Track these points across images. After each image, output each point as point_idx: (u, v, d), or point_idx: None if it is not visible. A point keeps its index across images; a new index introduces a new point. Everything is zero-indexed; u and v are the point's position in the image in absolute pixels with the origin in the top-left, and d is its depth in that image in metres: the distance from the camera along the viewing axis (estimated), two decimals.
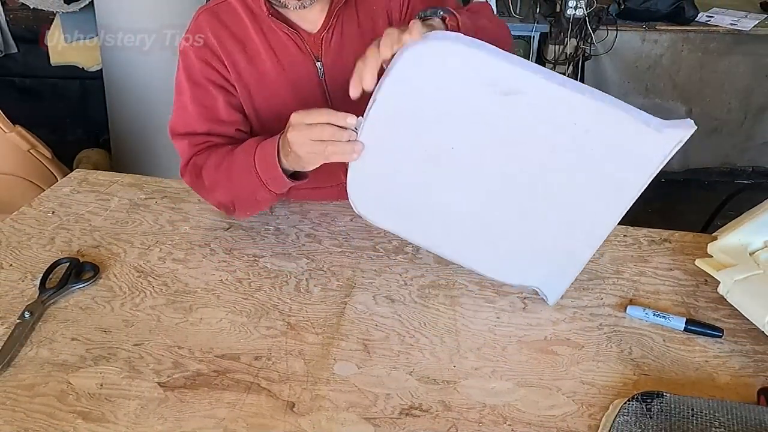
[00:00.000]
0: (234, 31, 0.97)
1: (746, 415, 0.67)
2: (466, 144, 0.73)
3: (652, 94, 2.76)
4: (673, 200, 2.76)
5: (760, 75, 2.70)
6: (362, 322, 0.85)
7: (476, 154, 0.74)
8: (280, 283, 0.92)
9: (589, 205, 0.75)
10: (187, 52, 0.99)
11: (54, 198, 1.13)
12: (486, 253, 0.84)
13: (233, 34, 0.97)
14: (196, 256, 0.98)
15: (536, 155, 0.72)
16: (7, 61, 2.71)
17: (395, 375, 0.77)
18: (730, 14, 2.71)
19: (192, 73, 0.99)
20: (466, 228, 0.81)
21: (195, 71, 0.98)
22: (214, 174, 0.96)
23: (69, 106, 2.82)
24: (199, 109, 0.99)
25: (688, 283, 0.93)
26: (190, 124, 1.00)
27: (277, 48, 0.98)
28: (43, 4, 2.41)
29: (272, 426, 0.70)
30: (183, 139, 1.01)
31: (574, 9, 2.55)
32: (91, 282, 0.91)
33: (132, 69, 2.15)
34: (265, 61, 0.98)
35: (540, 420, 0.71)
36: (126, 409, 0.72)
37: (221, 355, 0.79)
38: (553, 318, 0.86)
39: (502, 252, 0.83)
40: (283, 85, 1.00)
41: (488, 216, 0.79)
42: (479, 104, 0.68)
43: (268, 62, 0.98)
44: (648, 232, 1.04)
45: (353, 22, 0.99)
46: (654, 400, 0.69)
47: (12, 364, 0.78)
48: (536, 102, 0.67)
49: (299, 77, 1.00)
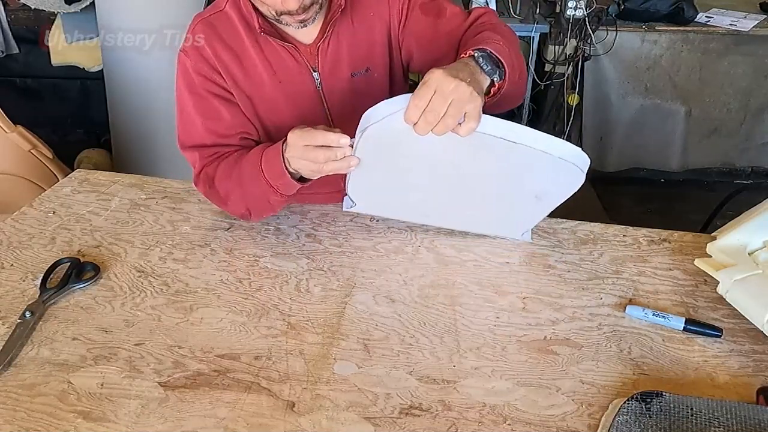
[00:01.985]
0: (229, 43, 0.96)
1: (745, 415, 0.67)
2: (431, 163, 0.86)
3: (652, 95, 2.76)
4: (673, 200, 2.77)
5: (760, 75, 2.70)
6: (362, 322, 0.85)
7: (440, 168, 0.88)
8: (281, 283, 0.92)
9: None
10: (184, 65, 0.98)
11: (55, 198, 1.13)
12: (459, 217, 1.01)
13: (229, 46, 0.96)
14: (197, 256, 0.98)
15: (480, 165, 0.87)
16: (8, 61, 2.72)
17: (395, 374, 0.77)
18: (729, 15, 2.71)
19: (192, 87, 0.98)
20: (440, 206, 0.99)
21: (195, 84, 0.98)
22: (226, 184, 0.97)
23: (70, 107, 2.82)
24: (204, 122, 0.99)
25: (687, 283, 0.93)
26: (198, 137, 1.00)
27: (273, 60, 0.97)
28: (44, 5, 2.41)
29: (272, 425, 0.70)
30: (193, 151, 1.01)
31: (573, 9, 2.55)
32: (91, 282, 0.92)
33: (132, 69, 2.15)
34: (261, 73, 0.97)
35: (540, 419, 0.71)
36: (127, 408, 0.72)
37: (222, 354, 0.80)
38: (553, 318, 0.86)
39: (471, 216, 1.00)
40: (280, 97, 0.99)
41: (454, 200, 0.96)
42: (431, 141, 0.78)
43: (265, 74, 0.98)
44: (647, 232, 1.05)
45: (349, 30, 0.98)
46: (653, 399, 0.69)
47: (13, 364, 0.78)
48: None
49: (296, 89, 0.99)
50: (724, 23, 2.63)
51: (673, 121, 2.79)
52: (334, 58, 0.98)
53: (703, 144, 2.85)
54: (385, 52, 1.00)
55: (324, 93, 1.00)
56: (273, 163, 0.89)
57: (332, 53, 0.98)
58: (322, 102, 1.01)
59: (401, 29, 1.00)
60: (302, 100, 1.00)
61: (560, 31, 2.65)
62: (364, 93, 1.02)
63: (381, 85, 1.03)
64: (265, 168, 0.90)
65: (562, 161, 0.81)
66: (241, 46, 0.97)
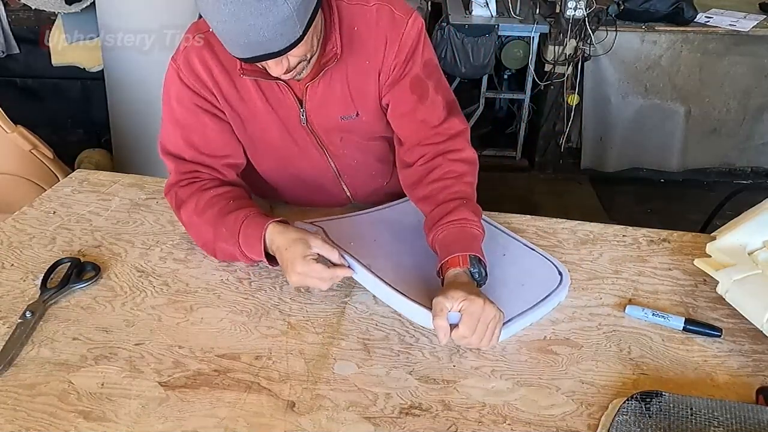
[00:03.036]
0: (225, 65, 0.93)
1: (745, 415, 0.67)
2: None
3: (652, 95, 2.76)
4: (672, 200, 2.77)
5: (759, 75, 2.70)
6: (362, 322, 0.85)
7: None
8: (281, 282, 0.92)
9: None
10: (176, 74, 0.94)
11: (55, 198, 1.13)
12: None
13: (225, 68, 0.93)
14: (197, 256, 0.98)
15: None
16: (9, 61, 2.71)
17: (395, 374, 0.77)
18: (729, 15, 2.71)
19: (180, 98, 0.95)
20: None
21: (183, 97, 0.95)
22: (196, 219, 0.95)
23: (70, 107, 2.82)
24: (186, 135, 0.96)
25: (686, 283, 0.93)
26: (179, 147, 0.97)
27: (265, 88, 0.95)
28: (45, 5, 2.41)
29: (273, 425, 0.70)
30: (171, 160, 0.98)
31: (573, 10, 2.56)
32: (92, 282, 0.92)
33: (133, 69, 2.15)
34: (254, 96, 0.95)
35: (539, 419, 0.71)
36: (127, 408, 0.72)
37: (222, 354, 0.80)
38: (553, 318, 0.86)
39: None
40: (272, 122, 0.97)
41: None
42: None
43: (259, 101, 0.95)
44: (647, 232, 1.05)
45: (343, 76, 0.94)
46: (653, 399, 0.69)
47: (13, 364, 0.78)
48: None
49: (287, 116, 0.97)
50: (724, 23, 2.64)
51: (672, 121, 2.79)
52: (323, 99, 0.96)
53: (703, 144, 2.85)
54: (376, 98, 0.97)
55: (311, 127, 0.99)
56: (252, 238, 0.89)
57: (322, 94, 0.95)
58: (310, 133, 1.00)
59: (387, 84, 0.96)
60: (291, 128, 0.99)
61: (560, 31, 2.65)
62: (351, 132, 1.01)
63: (369, 127, 1.01)
64: (243, 241, 0.90)
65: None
66: (234, 65, 0.92)
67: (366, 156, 1.07)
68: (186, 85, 0.94)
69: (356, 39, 0.92)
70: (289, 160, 1.04)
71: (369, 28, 0.92)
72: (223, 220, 0.92)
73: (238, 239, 0.90)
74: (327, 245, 0.87)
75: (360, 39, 0.92)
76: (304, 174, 1.07)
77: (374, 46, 0.93)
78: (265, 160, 1.05)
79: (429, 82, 0.96)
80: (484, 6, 2.74)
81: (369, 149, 1.07)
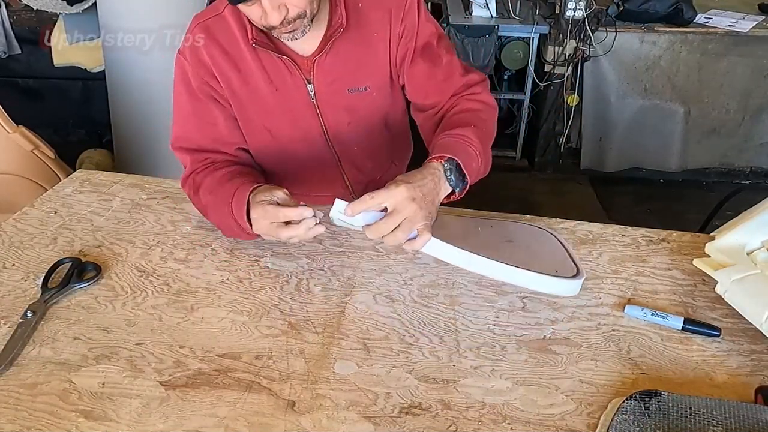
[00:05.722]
0: (227, 49, 0.95)
1: (744, 414, 0.68)
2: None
3: (651, 95, 2.76)
4: (672, 200, 2.77)
5: (759, 76, 2.71)
6: (362, 322, 0.86)
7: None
8: (281, 282, 0.93)
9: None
10: (183, 67, 0.98)
11: (56, 198, 1.14)
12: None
13: (226, 51, 0.96)
14: (198, 256, 0.98)
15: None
16: (11, 61, 2.72)
17: (395, 374, 0.77)
18: (728, 16, 2.71)
19: (191, 89, 0.98)
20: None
21: (194, 88, 0.98)
22: (207, 197, 0.97)
23: (72, 107, 2.83)
24: (201, 125, 0.99)
25: (686, 283, 0.94)
26: (193, 140, 1.00)
27: (269, 68, 0.97)
28: (46, 6, 2.42)
29: (273, 425, 0.70)
30: (186, 153, 1.01)
31: (573, 10, 2.56)
32: (93, 282, 0.92)
33: (134, 69, 2.15)
34: (258, 80, 0.97)
35: (539, 419, 0.72)
36: (128, 407, 0.72)
37: (222, 354, 0.80)
38: (552, 317, 0.87)
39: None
40: (276, 105, 0.99)
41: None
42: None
43: (261, 82, 0.97)
44: (646, 232, 1.05)
45: (350, 48, 0.97)
46: (652, 399, 0.70)
47: (14, 363, 0.78)
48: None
49: (291, 98, 0.99)
50: (723, 24, 2.64)
51: (672, 121, 2.80)
52: (330, 73, 0.97)
53: (702, 144, 2.85)
54: (386, 73, 0.99)
55: (317, 105, 1.00)
56: (240, 206, 0.90)
57: (329, 68, 0.97)
58: (316, 112, 1.01)
59: (399, 55, 1.00)
60: (297, 109, 1.00)
61: (560, 31, 2.65)
62: (360, 108, 1.02)
63: (378, 103, 1.02)
64: (235, 208, 0.91)
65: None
66: (238, 52, 0.96)
67: (369, 139, 1.08)
68: (195, 75, 0.97)
69: (362, 13, 0.96)
70: (289, 144, 1.05)
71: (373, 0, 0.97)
72: (222, 188, 0.94)
73: (231, 207, 0.91)
74: (288, 198, 0.87)
75: (365, 13, 0.96)
76: (303, 159, 1.07)
77: (380, 18, 0.97)
78: (264, 145, 1.06)
79: (440, 47, 1.00)
80: (484, 6, 2.74)
81: (372, 132, 1.08)
